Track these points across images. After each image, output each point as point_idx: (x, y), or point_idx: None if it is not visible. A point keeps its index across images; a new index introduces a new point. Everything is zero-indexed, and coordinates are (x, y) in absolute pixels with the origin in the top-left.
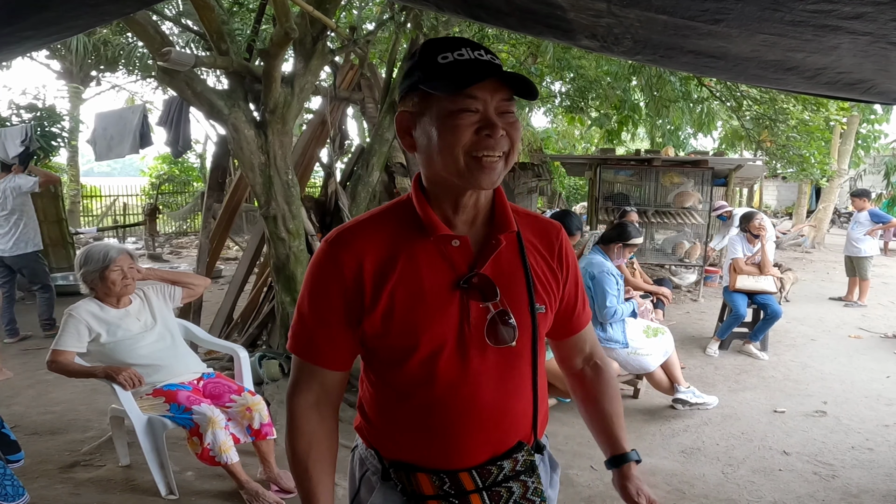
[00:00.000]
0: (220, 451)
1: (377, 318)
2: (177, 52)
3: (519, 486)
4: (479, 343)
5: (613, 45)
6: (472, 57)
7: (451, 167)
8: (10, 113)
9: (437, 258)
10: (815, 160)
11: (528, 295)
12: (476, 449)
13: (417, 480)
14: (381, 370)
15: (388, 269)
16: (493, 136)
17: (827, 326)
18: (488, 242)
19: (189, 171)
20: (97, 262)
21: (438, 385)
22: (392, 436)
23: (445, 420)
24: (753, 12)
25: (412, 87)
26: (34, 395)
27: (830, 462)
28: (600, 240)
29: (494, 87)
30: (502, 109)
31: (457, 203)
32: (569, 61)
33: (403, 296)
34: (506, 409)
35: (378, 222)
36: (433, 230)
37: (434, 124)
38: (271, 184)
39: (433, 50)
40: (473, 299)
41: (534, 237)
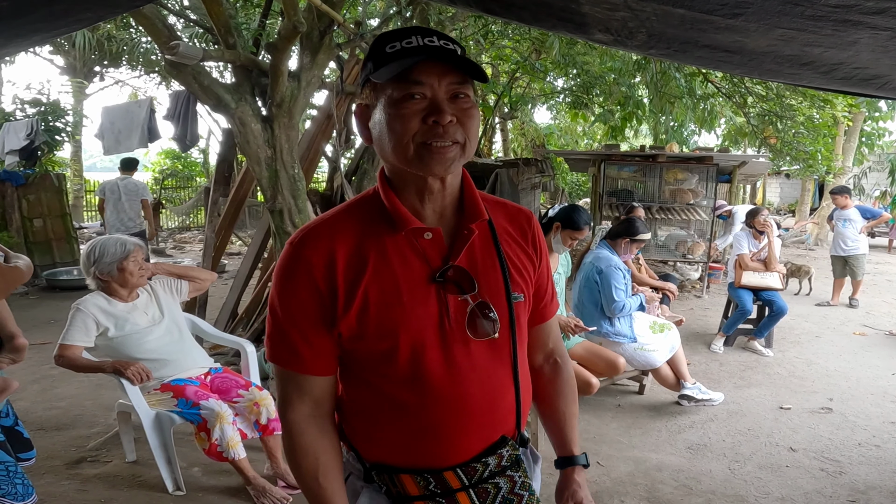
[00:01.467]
0: (227, 447)
1: (352, 319)
2: (185, 45)
3: (506, 481)
4: (461, 337)
5: (627, 39)
6: (421, 44)
7: (402, 156)
8: (15, 108)
9: (410, 252)
10: (822, 157)
11: (504, 284)
12: (465, 446)
13: (402, 482)
14: (359, 371)
15: (360, 266)
16: (440, 121)
17: (832, 323)
18: (460, 233)
19: (192, 166)
20: (115, 254)
21: (423, 384)
22: (373, 437)
23: (433, 419)
24: (774, 6)
25: (365, 79)
26: (39, 391)
27: (837, 458)
28: (608, 234)
29: (442, 71)
30: (453, 93)
31: (422, 192)
32: (573, 57)
33: (378, 294)
34: (493, 402)
35: (345, 219)
36: (404, 224)
37: (382, 114)
38: (277, 178)
39: (384, 41)
40: (451, 293)
41: (507, 224)
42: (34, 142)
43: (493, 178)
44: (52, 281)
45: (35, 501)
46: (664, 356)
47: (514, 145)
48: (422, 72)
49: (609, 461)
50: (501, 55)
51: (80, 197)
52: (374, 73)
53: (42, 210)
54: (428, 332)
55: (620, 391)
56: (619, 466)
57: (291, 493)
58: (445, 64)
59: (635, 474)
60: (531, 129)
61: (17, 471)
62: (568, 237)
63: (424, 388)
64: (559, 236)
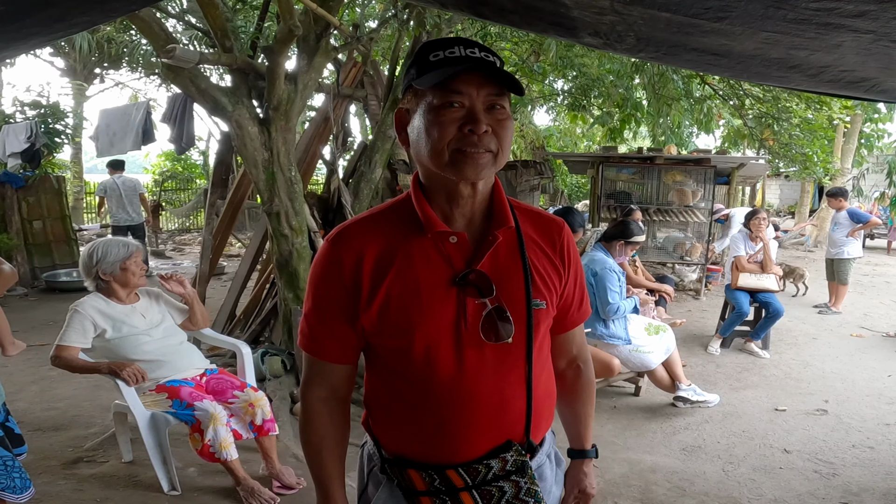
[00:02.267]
0: (220, 448)
1: (373, 314)
2: (181, 49)
3: (511, 486)
4: (475, 339)
5: (616, 43)
6: (463, 54)
7: (437, 160)
8: (15, 110)
9: (434, 255)
10: (819, 159)
11: (526, 291)
12: (471, 446)
13: (409, 476)
14: (380, 366)
15: (386, 265)
16: (476, 131)
17: (829, 325)
18: (486, 238)
19: (192, 168)
20: (118, 254)
21: (435, 381)
22: (391, 430)
23: (440, 417)
24: (756, 10)
25: (407, 85)
26: (38, 391)
27: (831, 460)
28: (602, 237)
29: (480, 82)
30: (490, 104)
31: (452, 197)
32: (571, 59)
33: (399, 292)
34: (501, 406)
35: (378, 220)
36: (430, 227)
37: (421, 119)
38: (274, 180)
39: (428, 49)
40: (470, 296)
41: (535, 233)
42: (35, 144)
43: None
44: (52, 282)
45: (32, 494)
46: (659, 358)
47: (514, 147)
48: (462, 81)
49: (603, 462)
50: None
51: (80, 199)
52: (416, 80)
53: (42, 212)
54: (443, 332)
55: (616, 393)
56: (613, 468)
57: (286, 493)
58: (485, 75)
59: (629, 476)
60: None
61: (14, 465)
62: None
63: (434, 386)
64: None
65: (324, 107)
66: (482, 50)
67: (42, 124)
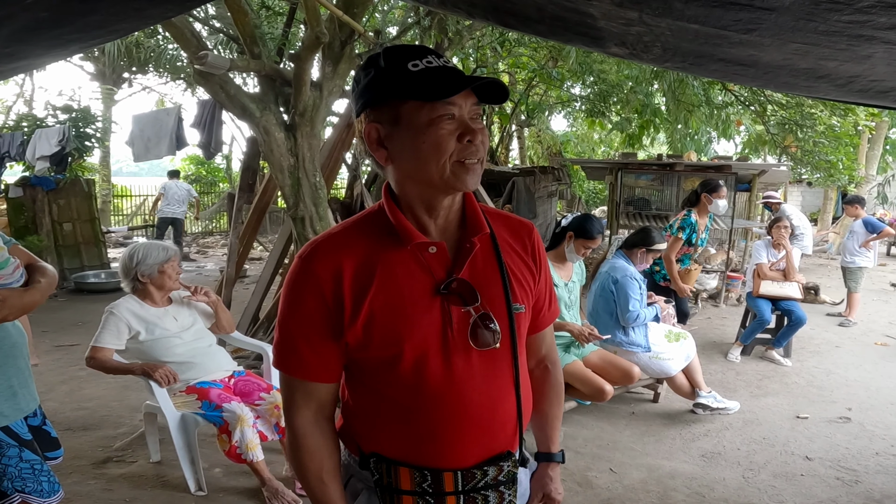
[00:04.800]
0: (246, 449)
1: (359, 330)
2: (213, 55)
3: (495, 496)
4: (463, 347)
5: (643, 53)
6: (440, 64)
7: (437, 174)
8: (47, 114)
9: (415, 266)
10: (843, 166)
11: (505, 296)
12: (464, 452)
13: (397, 474)
14: (365, 378)
15: (366, 279)
16: (473, 141)
17: (852, 333)
18: (463, 246)
19: (216, 171)
20: (157, 257)
21: (425, 391)
22: (378, 437)
23: (433, 425)
24: (787, 22)
25: (378, 97)
26: (67, 391)
27: (854, 468)
28: (624, 244)
29: (466, 94)
30: (473, 114)
31: (432, 208)
32: (590, 65)
33: (383, 305)
34: (492, 411)
35: (352, 234)
36: (409, 239)
37: (414, 134)
38: (300, 186)
39: (399, 58)
40: (454, 304)
41: (508, 236)
42: (65, 148)
43: (510, 187)
44: (81, 284)
45: (61, 497)
46: (679, 365)
47: (531, 153)
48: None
49: (622, 468)
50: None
51: (108, 202)
52: (403, 93)
53: (71, 214)
54: (431, 341)
55: (635, 399)
56: (631, 473)
57: (306, 494)
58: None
59: (648, 481)
60: (548, 136)
61: (42, 468)
62: (581, 246)
63: (425, 394)
64: (572, 245)
65: (347, 113)
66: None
67: (73, 128)
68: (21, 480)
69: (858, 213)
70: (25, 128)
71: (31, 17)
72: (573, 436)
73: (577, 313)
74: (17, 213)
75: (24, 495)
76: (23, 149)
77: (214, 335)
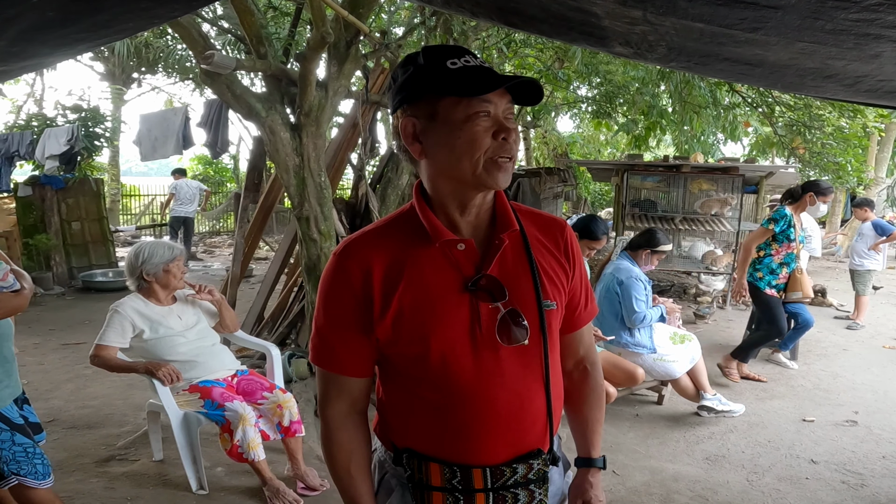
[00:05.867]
0: (248, 448)
1: (388, 325)
2: (219, 55)
3: (525, 494)
4: (491, 343)
5: (647, 52)
6: (478, 63)
7: (470, 170)
8: (56, 113)
9: (443, 262)
10: (852, 168)
11: (535, 292)
12: (493, 449)
13: (428, 469)
14: (395, 374)
15: (396, 276)
16: (508, 139)
17: (860, 336)
18: (492, 243)
19: (223, 171)
20: (163, 256)
21: (453, 387)
22: (411, 434)
23: (462, 421)
24: (793, 21)
25: (417, 93)
26: (73, 390)
27: (860, 471)
28: (628, 245)
29: (502, 93)
30: (507, 114)
31: (464, 205)
32: (596, 66)
33: (411, 301)
34: (521, 408)
35: (384, 232)
36: (437, 236)
37: (450, 129)
38: (305, 185)
39: (438, 56)
40: (483, 301)
41: (539, 234)
42: (74, 147)
43: (516, 188)
44: (88, 282)
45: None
46: (684, 367)
47: (537, 154)
48: (493, 92)
49: (625, 470)
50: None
51: (117, 201)
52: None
53: (80, 213)
54: (459, 337)
55: (639, 401)
56: (634, 475)
57: (309, 494)
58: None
59: (651, 484)
60: (553, 137)
61: (35, 452)
62: (586, 247)
63: (453, 390)
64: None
65: (352, 113)
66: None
67: (82, 128)
68: (16, 463)
69: (867, 216)
70: (35, 127)
71: (38, 17)
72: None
73: None
74: (26, 212)
75: (20, 478)
76: (32, 148)
77: (218, 334)
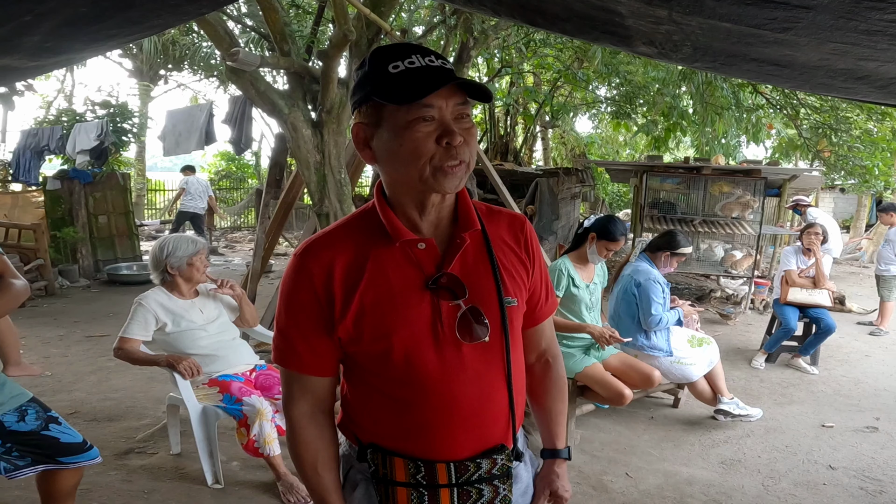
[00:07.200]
0: (264, 443)
1: (349, 324)
2: (244, 52)
3: (490, 490)
4: (453, 341)
5: (672, 52)
6: (423, 64)
7: (416, 176)
8: (86, 109)
9: (405, 262)
10: (879, 171)
11: (497, 290)
12: (457, 444)
13: (392, 464)
14: (359, 371)
15: (357, 275)
16: (452, 143)
17: (883, 342)
18: (453, 242)
19: (245, 168)
20: (186, 249)
21: (415, 384)
22: (375, 430)
23: (425, 417)
24: (826, 21)
25: (364, 98)
26: (95, 382)
27: (879, 477)
28: (647, 247)
29: (448, 93)
30: (457, 114)
31: (422, 206)
32: (616, 66)
33: (372, 300)
34: (484, 404)
35: (345, 231)
36: (398, 236)
37: (392, 136)
38: (325, 182)
39: (383, 59)
40: (443, 299)
41: (501, 231)
42: (104, 142)
43: (534, 188)
44: (114, 275)
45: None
46: (702, 370)
47: (555, 154)
48: (433, 94)
49: (638, 473)
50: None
51: (143, 195)
52: (380, 95)
53: (107, 207)
54: (421, 335)
55: (654, 403)
56: (648, 478)
57: None
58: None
59: (664, 487)
60: (572, 138)
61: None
62: (603, 248)
63: (416, 387)
64: (594, 247)
65: None
66: (438, 57)
67: (111, 123)
68: None
69: (894, 221)
70: (65, 122)
71: (71, 13)
72: (590, 439)
73: (599, 315)
74: (54, 205)
75: None
76: (62, 143)
77: (238, 328)
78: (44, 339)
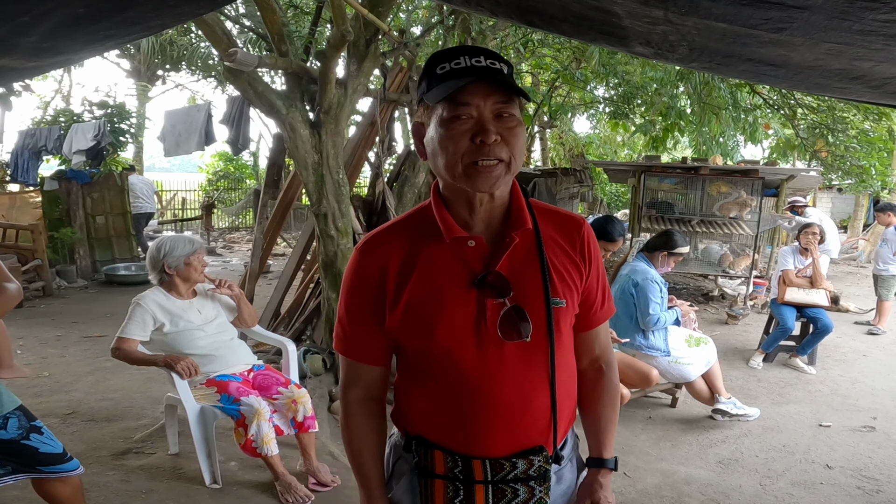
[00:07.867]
0: (261, 443)
1: (398, 317)
2: (242, 52)
3: (525, 490)
4: (495, 339)
5: (668, 52)
6: (469, 64)
7: (451, 173)
8: (83, 109)
9: (454, 259)
10: (876, 172)
11: (545, 290)
12: (493, 442)
13: (433, 457)
14: (408, 364)
15: (408, 270)
16: (486, 141)
17: (881, 342)
18: (503, 240)
19: (243, 168)
20: (184, 249)
21: (457, 379)
22: (421, 422)
23: (464, 412)
24: (820, 21)
25: (418, 99)
26: (93, 382)
27: (876, 477)
28: (645, 247)
29: (487, 91)
30: (498, 112)
31: (471, 204)
32: (614, 66)
33: (419, 295)
34: (523, 404)
35: (402, 228)
36: (448, 233)
37: (434, 133)
38: (323, 182)
39: (434, 61)
40: (489, 297)
41: (555, 232)
42: (101, 142)
43: (532, 187)
44: (111, 276)
45: None
46: (699, 370)
47: (553, 154)
48: (469, 93)
49: (636, 472)
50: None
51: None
52: (426, 94)
53: (105, 208)
54: (463, 331)
55: (652, 403)
56: (645, 478)
57: (321, 490)
58: (491, 84)
59: (662, 487)
60: (570, 138)
61: None
62: (602, 248)
63: (458, 384)
64: None
65: (371, 111)
66: (488, 57)
67: (108, 123)
68: None
69: (891, 221)
70: (62, 123)
71: (69, 13)
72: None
73: None
74: (51, 206)
75: None
76: (59, 143)
77: (236, 329)
78: (41, 340)
